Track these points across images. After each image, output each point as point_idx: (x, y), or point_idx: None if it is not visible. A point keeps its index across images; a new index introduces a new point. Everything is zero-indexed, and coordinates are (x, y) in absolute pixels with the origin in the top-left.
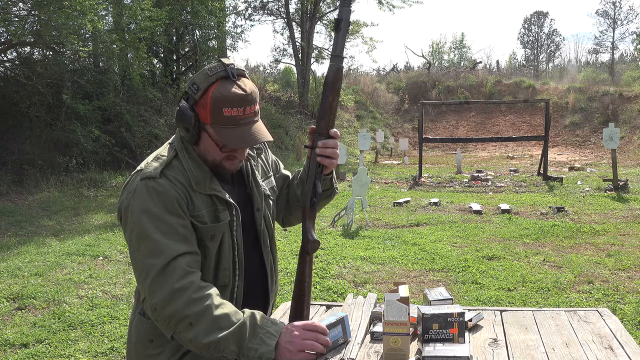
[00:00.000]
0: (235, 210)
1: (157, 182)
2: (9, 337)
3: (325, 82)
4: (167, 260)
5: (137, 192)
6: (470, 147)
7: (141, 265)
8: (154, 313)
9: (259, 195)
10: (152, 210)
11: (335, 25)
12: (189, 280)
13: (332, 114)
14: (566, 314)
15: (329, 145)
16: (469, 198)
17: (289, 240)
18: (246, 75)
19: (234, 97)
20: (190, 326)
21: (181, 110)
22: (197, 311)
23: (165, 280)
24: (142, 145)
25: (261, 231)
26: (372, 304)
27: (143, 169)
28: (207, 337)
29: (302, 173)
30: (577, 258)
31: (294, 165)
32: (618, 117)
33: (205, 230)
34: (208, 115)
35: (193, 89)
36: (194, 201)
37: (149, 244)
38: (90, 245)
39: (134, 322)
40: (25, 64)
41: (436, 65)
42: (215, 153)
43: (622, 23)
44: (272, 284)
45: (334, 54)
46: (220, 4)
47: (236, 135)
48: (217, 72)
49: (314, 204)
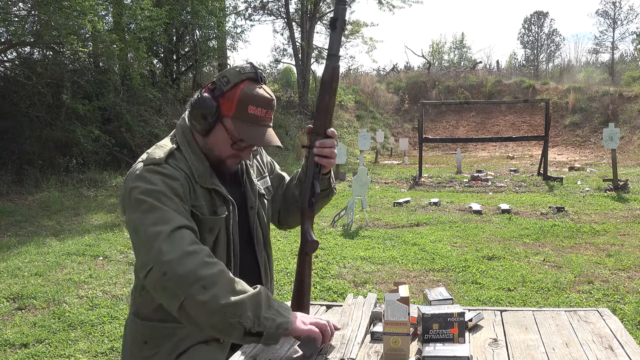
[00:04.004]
0: (232, 206)
1: (161, 166)
2: (9, 337)
3: (321, 82)
4: (175, 227)
5: (141, 176)
6: (470, 147)
7: (146, 235)
8: (163, 278)
9: (252, 193)
10: (156, 188)
11: (331, 24)
12: (199, 247)
13: (329, 113)
14: (566, 314)
15: (326, 145)
16: (469, 198)
17: (289, 240)
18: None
19: (261, 98)
20: (204, 289)
21: (203, 98)
22: (212, 273)
23: (176, 243)
24: (142, 145)
25: (254, 229)
26: (372, 304)
27: (146, 158)
28: (224, 299)
29: (300, 173)
30: (577, 258)
31: (294, 165)
32: (618, 117)
33: (205, 222)
34: (233, 109)
35: (223, 81)
36: (196, 191)
37: (154, 215)
38: (90, 245)
39: (128, 325)
40: (25, 64)
41: (436, 65)
42: (225, 148)
43: (622, 23)
44: (267, 282)
45: (330, 53)
46: (220, 4)
47: (254, 133)
48: (248, 72)
49: (313, 204)
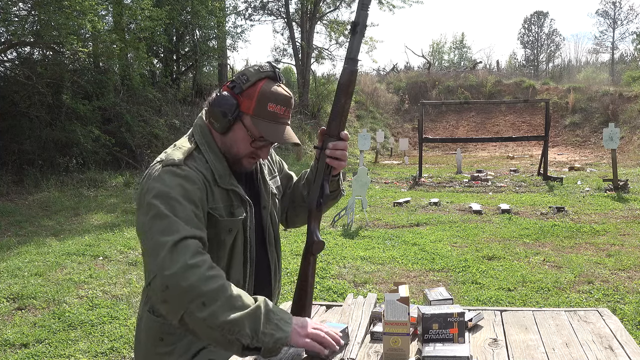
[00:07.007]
0: (249, 207)
1: (180, 168)
2: (9, 337)
3: (338, 85)
4: (180, 238)
5: (158, 177)
6: (470, 147)
7: (152, 243)
8: (164, 292)
9: (266, 193)
10: (170, 193)
11: (352, 28)
12: (201, 258)
13: (344, 117)
14: (566, 314)
15: (338, 147)
16: (469, 198)
17: (289, 241)
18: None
19: (280, 96)
20: (204, 305)
21: (223, 96)
22: (212, 289)
23: (178, 256)
24: (142, 145)
25: (267, 229)
26: (372, 304)
27: (165, 158)
28: (222, 317)
29: (309, 174)
30: (577, 258)
31: (294, 165)
32: (618, 117)
33: (223, 223)
34: (252, 106)
35: (243, 79)
36: (214, 193)
37: (162, 223)
38: (90, 245)
39: (143, 320)
40: (25, 64)
41: (436, 65)
42: (244, 146)
43: (622, 23)
44: (275, 282)
45: (349, 57)
46: (220, 4)
47: (274, 130)
48: (266, 71)
49: (321, 205)
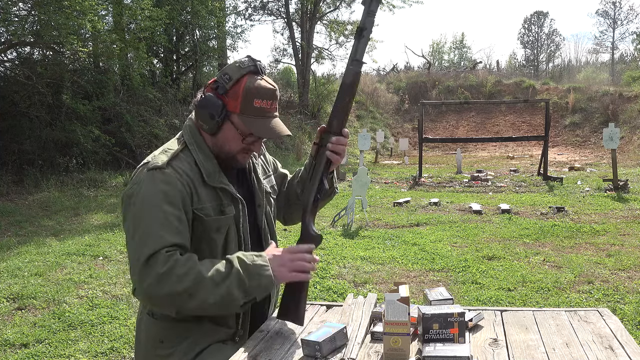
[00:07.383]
0: (241, 205)
1: (163, 172)
2: (9, 337)
3: (342, 84)
4: (156, 250)
5: (142, 182)
6: (470, 147)
7: (131, 253)
8: (149, 300)
9: (260, 192)
10: (152, 200)
11: (358, 33)
12: (171, 264)
13: (346, 115)
14: (566, 314)
15: (341, 142)
16: (469, 198)
17: (289, 241)
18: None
19: (265, 90)
20: (191, 297)
21: (208, 98)
22: (190, 284)
23: (150, 269)
24: (142, 145)
25: (262, 228)
26: (372, 304)
27: (150, 161)
28: (212, 297)
29: (302, 172)
30: (577, 258)
31: (294, 165)
32: (618, 117)
33: (210, 223)
34: (238, 105)
35: (225, 78)
36: (199, 194)
37: (142, 232)
38: (90, 245)
39: (142, 322)
40: (25, 64)
41: (436, 65)
42: (235, 143)
43: (622, 23)
44: None
45: (355, 58)
46: (220, 4)
47: (263, 125)
48: (248, 66)
49: (318, 200)
